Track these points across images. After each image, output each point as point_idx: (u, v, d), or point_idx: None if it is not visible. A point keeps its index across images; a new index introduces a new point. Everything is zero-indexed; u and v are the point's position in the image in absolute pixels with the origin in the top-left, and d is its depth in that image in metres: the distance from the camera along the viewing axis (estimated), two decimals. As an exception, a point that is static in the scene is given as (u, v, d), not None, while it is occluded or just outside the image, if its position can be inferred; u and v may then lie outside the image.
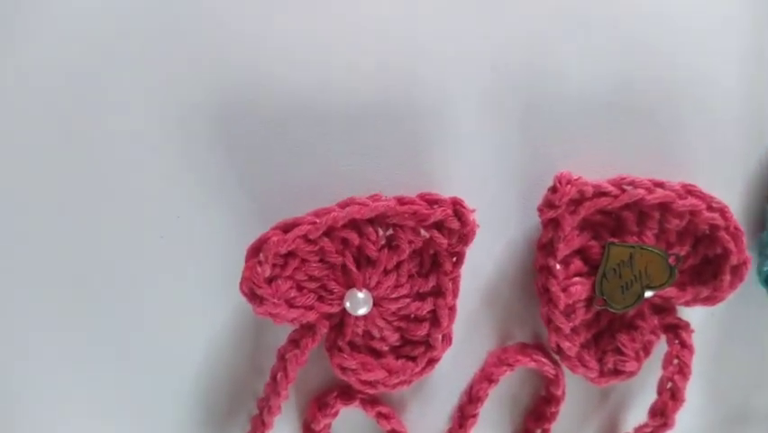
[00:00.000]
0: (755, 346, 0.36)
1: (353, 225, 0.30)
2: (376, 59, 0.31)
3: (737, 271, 0.30)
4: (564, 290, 0.30)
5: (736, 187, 0.33)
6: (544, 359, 0.32)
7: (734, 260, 0.30)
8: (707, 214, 0.30)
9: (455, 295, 0.31)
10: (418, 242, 0.30)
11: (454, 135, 0.31)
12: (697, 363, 0.33)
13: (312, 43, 0.30)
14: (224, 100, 0.30)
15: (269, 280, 0.29)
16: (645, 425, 0.33)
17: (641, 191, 0.29)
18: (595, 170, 0.31)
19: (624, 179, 0.30)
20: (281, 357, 0.32)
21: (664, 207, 0.30)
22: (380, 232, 0.31)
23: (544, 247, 0.31)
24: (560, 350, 0.32)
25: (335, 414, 0.33)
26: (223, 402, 0.34)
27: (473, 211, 0.30)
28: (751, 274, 0.32)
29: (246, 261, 0.29)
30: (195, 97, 0.30)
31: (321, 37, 0.30)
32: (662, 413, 0.32)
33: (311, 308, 0.30)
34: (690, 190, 0.30)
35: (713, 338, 0.35)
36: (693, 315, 0.33)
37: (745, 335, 0.36)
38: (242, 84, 0.30)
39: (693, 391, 0.33)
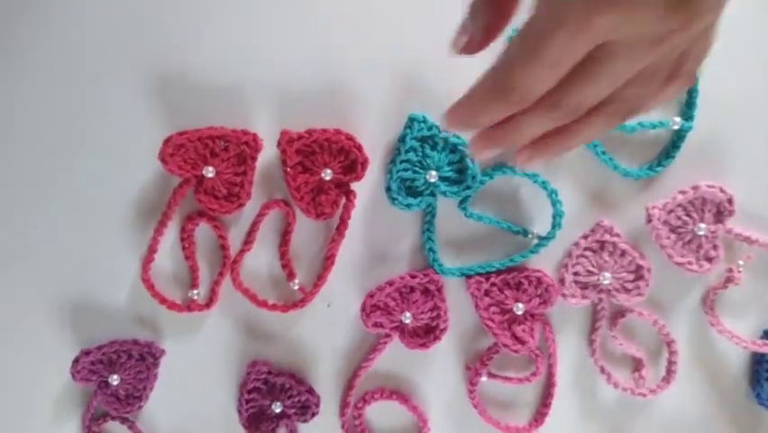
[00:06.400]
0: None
1: (209, 137, 0.73)
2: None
3: (364, 165, 0.75)
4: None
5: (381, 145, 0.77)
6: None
7: (360, 160, 0.75)
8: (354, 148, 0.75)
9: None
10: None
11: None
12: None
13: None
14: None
15: (171, 155, 0.72)
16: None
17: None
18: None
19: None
20: (173, 192, 0.74)
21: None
22: (222, 144, 0.74)
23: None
24: None
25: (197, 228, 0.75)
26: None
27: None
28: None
29: (162, 145, 0.72)
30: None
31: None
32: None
33: (188, 170, 0.73)
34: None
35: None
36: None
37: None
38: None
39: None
